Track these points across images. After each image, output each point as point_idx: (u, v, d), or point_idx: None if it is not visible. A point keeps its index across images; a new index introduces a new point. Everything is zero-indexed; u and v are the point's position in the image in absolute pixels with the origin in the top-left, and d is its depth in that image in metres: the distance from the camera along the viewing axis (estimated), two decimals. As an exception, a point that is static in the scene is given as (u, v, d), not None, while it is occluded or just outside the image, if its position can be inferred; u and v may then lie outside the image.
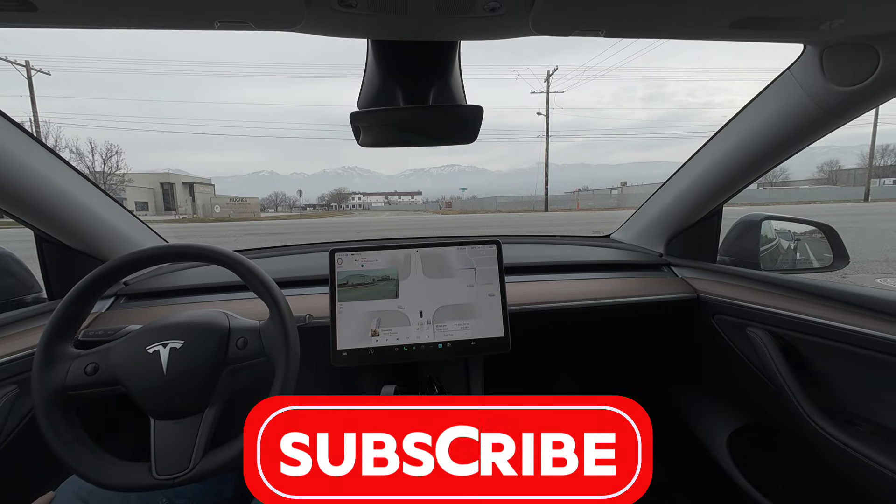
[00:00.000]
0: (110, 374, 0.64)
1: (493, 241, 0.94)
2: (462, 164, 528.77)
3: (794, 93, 0.81)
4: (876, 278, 4.18)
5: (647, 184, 38.12)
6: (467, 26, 0.60)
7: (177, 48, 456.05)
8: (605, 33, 0.61)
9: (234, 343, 0.69)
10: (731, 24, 0.59)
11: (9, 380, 0.79)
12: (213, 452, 0.63)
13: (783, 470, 1.03)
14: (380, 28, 0.61)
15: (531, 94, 33.58)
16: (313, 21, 0.55)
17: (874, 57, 0.67)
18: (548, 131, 30.82)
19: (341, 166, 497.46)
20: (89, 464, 0.60)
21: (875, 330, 0.76)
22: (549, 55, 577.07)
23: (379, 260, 0.91)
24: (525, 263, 1.22)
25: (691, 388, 1.32)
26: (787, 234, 1.24)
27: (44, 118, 25.48)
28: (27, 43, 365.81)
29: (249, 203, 42.38)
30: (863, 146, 51.26)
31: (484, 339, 0.90)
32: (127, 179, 32.95)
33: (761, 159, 0.96)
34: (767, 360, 0.94)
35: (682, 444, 1.28)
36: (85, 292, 0.67)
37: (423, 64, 0.70)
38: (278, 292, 0.71)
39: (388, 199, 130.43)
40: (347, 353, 0.86)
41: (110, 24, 0.56)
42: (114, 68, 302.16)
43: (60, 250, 0.98)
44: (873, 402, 0.81)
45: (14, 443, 0.79)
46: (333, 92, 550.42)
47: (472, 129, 0.77)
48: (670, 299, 1.14)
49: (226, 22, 0.54)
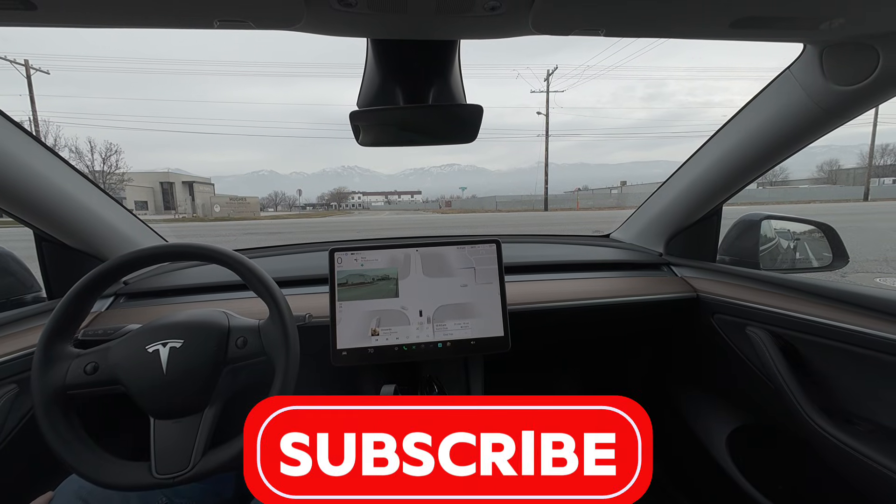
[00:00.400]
0: (110, 373, 0.64)
1: (493, 241, 0.94)
2: (462, 163, 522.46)
3: (794, 92, 0.81)
4: (875, 277, 4.18)
5: (647, 183, 38.12)
6: (467, 25, 0.60)
7: (176, 47, 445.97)
8: (604, 33, 0.61)
9: (234, 342, 0.69)
10: (731, 23, 0.59)
11: (8, 379, 0.79)
12: (212, 452, 0.63)
13: (782, 469, 1.04)
14: (379, 27, 0.61)
15: (531, 94, 33.58)
16: (313, 20, 0.55)
17: (874, 56, 0.67)
18: (547, 130, 30.83)
19: (341, 165, 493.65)
20: (89, 463, 0.60)
21: (874, 329, 0.76)
22: (548, 54, 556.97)
23: (379, 259, 0.91)
24: (525, 263, 1.22)
25: (691, 387, 1.32)
26: (786, 233, 1.24)
27: (43, 117, 25.44)
28: (26, 42, 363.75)
29: (249, 202, 42.36)
30: (862, 146, 51.29)
31: (484, 338, 0.90)
32: (126, 179, 32.91)
33: (761, 159, 0.96)
34: (767, 360, 0.94)
35: (682, 443, 1.28)
36: (84, 291, 0.67)
37: (423, 63, 0.70)
38: (278, 291, 0.70)
39: (387, 198, 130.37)
40: (347, 353, 0.86)
41: (110, 22, 0.56)
42: (113, 67, 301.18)
43: (60, 250, 0.98)
44: (872, 401, 0.81)
45: (14, 442, 0.79)
46: (333, 91, 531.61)
47: (471, 128, 0.77)
48: (670, 299, 1.14)
49: (225, 21, 0.54)
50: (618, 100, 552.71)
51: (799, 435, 0.90)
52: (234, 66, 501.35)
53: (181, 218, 29.61)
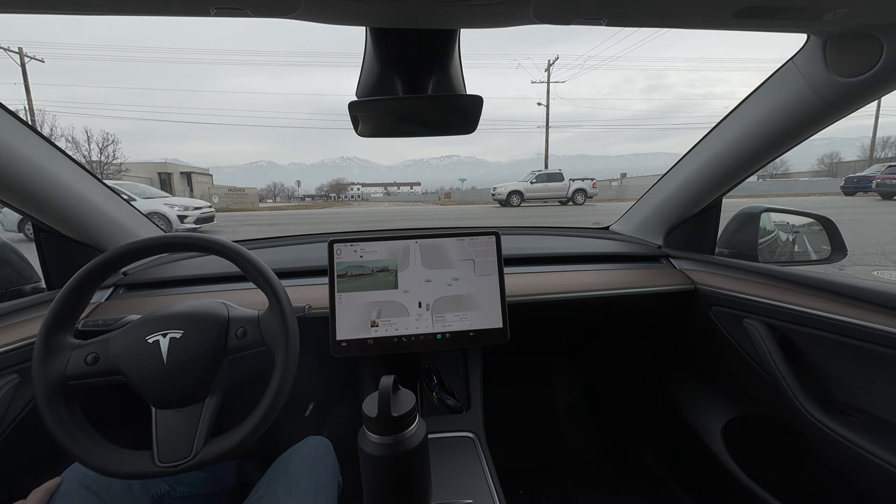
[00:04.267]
0: (111, 364, 0.64)
1: (492, 233, 0.94)
2: (461, 154, 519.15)
3: (797, 83, 0.80)
4: (873, 270, 4.19)
5: (648, 175, 37.95)
6: (468, 14, 0.59)
7: (174, 36, 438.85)
8: (606, 22, 0.60)
9: (234, 333, 0.69)
10: (735, 13, 0.58)
11: (9, 369, 0.79)
12: (214, 441, 0.64)
13: (777, 459, 1.05)
14: (378, 15, 0.60)
15: (531, 84, 33.25)
16: (311, 8, 0.55)
17: (878, 47, 0.67)
18: (548, 121, 30.60)
19: (340, 156, 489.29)
20: (92, 452, 0.61)
21: (871, 322, 0.77)
22: (549, 45, 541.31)
23: (378, 251, 0.91)
24: (524, 255, 1.23)
25: (688, 378, 1.33)
26: (785, 226, 1.24)
27: (38, 106, 25.18)
28: (16, 30, 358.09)
29: (248, 193, 42.14)
30: (863, 138, 51.02)
31: (483, 329, 0.90)
32: (124, 169, 32.67)
33: (762, 151, 0.96)
34: (763, 352, 0.95)
35: (678, 433, 1.30)
36: (84, 282, 0.67)
37: (423, 53, 0.69)
38: (277, 282, 0.71)
39: (387, 189, 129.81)
40: (347, 344, 0.87)
41: (105, 9, 0.55)
42: (110, 56, 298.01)
43: (58, 240, 0.97)
44: (867, 392, 0.82)
45: (16, 431, 0.80)
46: (332, 81, 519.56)
47: (471, 119, 0.76)
48: (668, 291, 1.15)
49: (222, 8, 0.53)
50: (618, 91, 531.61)
51: (794, 426, 0.91)
52: (233, 55, 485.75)
53: (179, 209, 29.38)
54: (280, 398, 0.65)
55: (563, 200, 18.30)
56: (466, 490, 0.77)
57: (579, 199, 18.24)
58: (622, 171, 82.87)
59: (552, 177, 18.22)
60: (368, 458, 0.57)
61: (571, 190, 18.13)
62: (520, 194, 17.76)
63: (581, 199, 18.27)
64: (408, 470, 0.59)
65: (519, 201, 17.72)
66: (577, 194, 18.18)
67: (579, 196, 18.23)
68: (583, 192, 18.29)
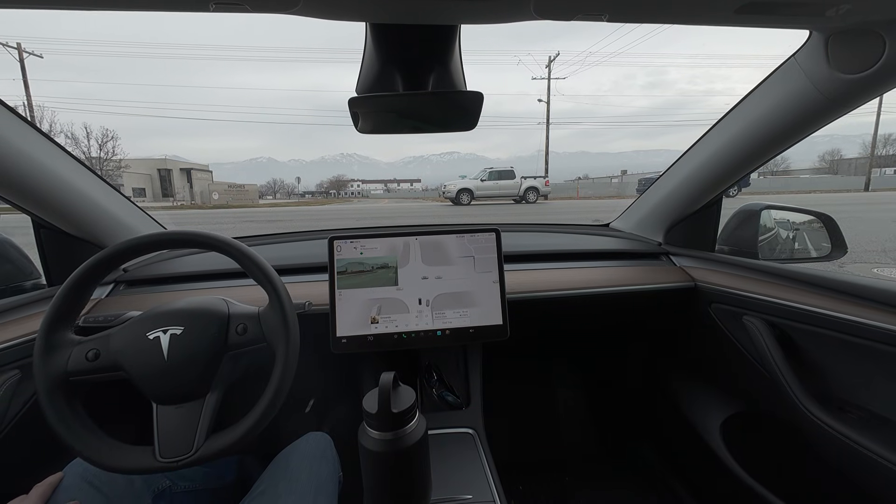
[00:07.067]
0: (111, 360, 0.64)
1: (493, 230, 0.94)
2: (462, 151, 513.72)
3: (798, 80, 0.80)
4: (873, 268, 4.19)
5: (648, 172, 37.89)
6: (468, 10, 0.59)
7: (173, 32, 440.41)
8: (607, 18, 0.60)
9: (234, 329, 0.69)
10: (737, 9, 0.58)
11: (10, 365, 0.80)
12: (215, 436, 0.64)
13: (776, 456, 1.05)
14: (378, 11, 0.59)
15: (532, 81, 33.11)
16: (310, 3, 0.54)
17: (880, 44, 0.66)
18: (548, 118, 30.51)
19: (340, 153, 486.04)
20: (94, 447, 0.61)
21: (871, 319, 0.77)
22: (550, 41, 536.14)
23: (378, 247, 0.91)
24: (524, 252, 1.23)
25: (687, 375, 1.33)
26: (786, 223, 1.24)
27: (37, 102, 25.12)
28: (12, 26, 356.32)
29: (247, 190, 42.10)
30: (865, 135, 50.93)
31: (483, 326, 0.91)
32: (123, 165, 32.60)
33: (763, 148, 0.95)
34: (763, 349, 0.95)
35: (677, 429, 1.30)
36: (84, 278, 0.67)
37: (423, 49, 0.69)
38: (277, 279, 0.71)
39: (387, 186, 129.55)
40: (347, 340, 0.87)
41: (104, 4, 0.55)
42: (109, 52, 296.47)
43: (59, 236, 0.97)
44: (866, 389, 0.82)
45: (18, 426, 0.80)
46: (332, 77, 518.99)
47: (471, 115, 0.76)
48: (668, 288, 1.15)
49: (221, 4, 0.53)
50: (619, 88, 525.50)
51: (793, 423, 0.91)
52: (232, 51, 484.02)
53: (179, 205, 29.43)
54: (280, 394, 0.65)
55: (517, 199, 18.27)
56: (466, 486, 0.78)
57: (531, 197, 18.23)
58: (623, 168, 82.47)
59: (503, 175, 18.19)
60: (368, 454, 0.57)
61: (523, 188, 18.11)
62: (469, 192, 17.62)
63: (533, 198, 18.26)
64: (408, 466, 0.59)
65: (469, 199, 17.60)
66: (529, 192, 18.16)
67: (531, 194, 18.22)
68: (535, 191, 18.27)
